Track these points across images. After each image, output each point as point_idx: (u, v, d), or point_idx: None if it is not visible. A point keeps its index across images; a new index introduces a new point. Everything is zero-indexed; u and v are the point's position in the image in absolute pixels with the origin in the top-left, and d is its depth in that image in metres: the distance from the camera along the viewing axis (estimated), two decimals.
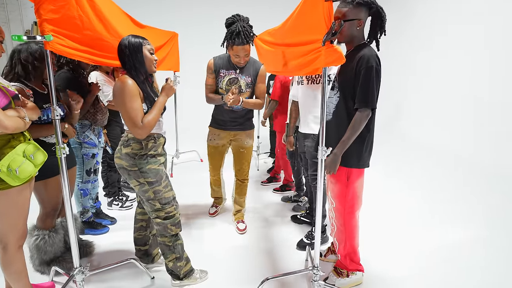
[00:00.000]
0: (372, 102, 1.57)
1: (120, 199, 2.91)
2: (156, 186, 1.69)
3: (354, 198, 1.78)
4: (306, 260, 2.16)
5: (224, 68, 2.35)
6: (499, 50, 3.25)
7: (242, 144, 2.53)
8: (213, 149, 2.57)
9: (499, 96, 3.23)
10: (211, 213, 2.82)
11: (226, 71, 2.35)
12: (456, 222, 2.66)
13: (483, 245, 2.31)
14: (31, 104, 1.54)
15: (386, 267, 2.05)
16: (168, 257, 1.80)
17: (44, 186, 1.78)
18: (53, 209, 1.93)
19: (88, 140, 2.31)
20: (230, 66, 2.35)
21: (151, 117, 1.59)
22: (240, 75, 2.35)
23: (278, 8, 4.80)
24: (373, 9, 1.61)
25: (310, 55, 1.63)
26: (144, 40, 1.63)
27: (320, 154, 1.56)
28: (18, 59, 1.72)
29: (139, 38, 1.61)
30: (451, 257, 2.17)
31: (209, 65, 2.38)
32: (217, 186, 2.79)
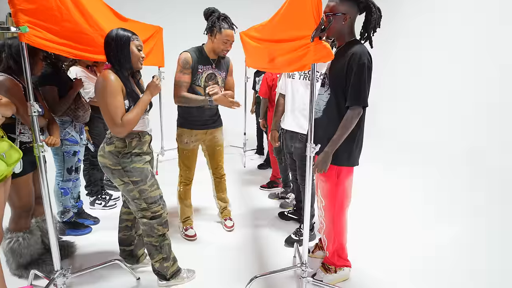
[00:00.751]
0: (364, 100, 1.57)
1: (103, 198, 2.83)
2: (141, 185, 1.64)
3: (343, 196, 1.78)
4: (294, 256, 2.17)
5: (202, 63, 2.17)
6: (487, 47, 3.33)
7: (218, 142, 2.42)
8: (190, 153, 2.32)
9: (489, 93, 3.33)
10: (191, 235, 2.36)
11: (203, 67, 2.17)
12: (443, 219, 2.72)
13: (470, 241, 2.36)
14: (4, 100, 1.46)
15: (372, 262, 2.08)
16: (154, 258, 1.75)
17: (12, 186, 1.69)
18: (24, 209, 1.84)
19: (69, 137, 2.22)
20: (206, 60, 2.18)
21: (132, 116, 1.53)
22: (217, 70, 2.24)
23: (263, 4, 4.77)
24: (363, 4, 1.60)
25: (298, 51, 1.61)
26: (133, 35, 1.57)
27: (309, 151, 1.56)
28: (10, 54, 1.67)
29: (128, 32, 1.55)
30: (438, 252, 2.22)
31: (186, 59, 2.12)
32: (188, 199, 2.44)
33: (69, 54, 1.68)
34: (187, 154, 2.31)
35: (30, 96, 1.39)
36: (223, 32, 2.09)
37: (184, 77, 2.14)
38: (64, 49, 1.63)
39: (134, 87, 1.62)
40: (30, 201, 1.83)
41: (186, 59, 2.13)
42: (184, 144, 2.28)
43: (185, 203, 2.42)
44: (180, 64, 2.13)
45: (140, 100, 1.58)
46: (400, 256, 2.17)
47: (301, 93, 2.22)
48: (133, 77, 1.67)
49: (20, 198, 1.77)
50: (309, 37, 1.46)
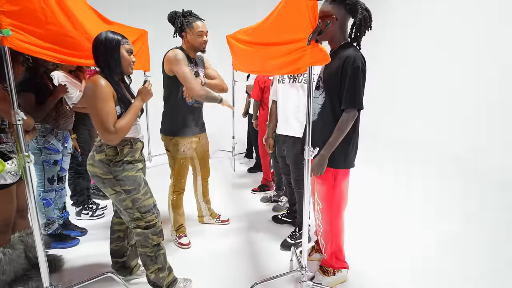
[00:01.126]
0: (359, 102, 1.58)
1: (90, 208, 2.72)
2: (134, 194, 1.58)
3: (340, 198, 1.78)
4: (290, 260, 2.15)
5: (189, 61, 2.12)
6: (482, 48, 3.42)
7: (205, 147, 2.42)
8: (186, 161, 2.27)
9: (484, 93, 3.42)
10: (185, 243, 2.29)
11: (190, 65, 2.12)
12: (440, 218, 2.76)
13: (469, 241, 2.39)
14: None
15: (368, 263, 2.09)
16: (150, 269, 1.69)
17: None
18: (4, 224, 1.73)
19: (49, 146, 2.11)
20: (190, 59, 2.14)
21: (124, 122, 1.48)
22: (198, 68, 2.21)
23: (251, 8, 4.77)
24: (349, 5, 1.61)
25: (293, 55, 1.60)
26: (123, 39, 1.51)
27: (307, 155, 1.55)
28: None
29: (118, 36, 1.49)
30: (436, 252, 2.24)
31: (181, 53, 2.05)
32: (181, 208, 2.37)
33: (54, 58, 1.60)
34: (184, 163, 2.25)
35: (14, 104, 1.31)
36: (195, 26, 2.08)
37: (190, 71, 2.06)
38: (49, 53, 1.55)
39: (125, 92, 1.56)
40: (11, 215, 1.72)
41: (182, 54, 2.06)
42: (181, 153, 2.21)
43: (178, 212, 2.35)
44: (180, 58, 2.03)
45: (131, 105, 1.53)
46: (396, 257, 2.18)
47: (291, 97, 2.23)
48: (123, 82, 1.61)
49: (1, 213, 1.66)
50: (305, 40, 1.45)
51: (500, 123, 3.33)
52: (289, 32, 1.61)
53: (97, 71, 1.54)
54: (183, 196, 2.38)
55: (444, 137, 3.72)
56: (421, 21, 4.14)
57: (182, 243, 2.30)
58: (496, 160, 3.25)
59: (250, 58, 2.34)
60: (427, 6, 4.07)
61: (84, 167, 2.65)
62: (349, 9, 1.64)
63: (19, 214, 1.79)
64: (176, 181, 2.30)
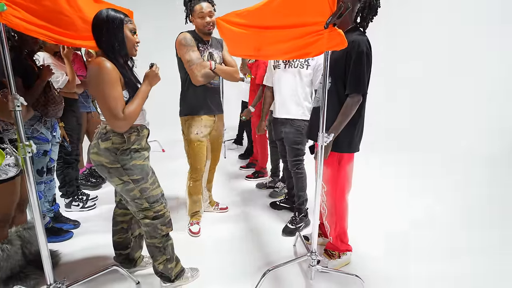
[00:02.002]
0: (363, 87, 1.60)
1: (80, 199, 2.58)
2: (143, 184, 1.51)
3: (345, 182, 1.82)
4: (293, 245, 2.18)
5: (200, 43, 2.11)
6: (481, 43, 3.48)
7: (220, 132, 2.38)
8: (201, 144, 2.18)
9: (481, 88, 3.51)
10: (195, 231, 2.26)
11: (203, 45, 2.12)
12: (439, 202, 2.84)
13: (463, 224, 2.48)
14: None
15: (370, 245, 2.16)
16: (158, 260, 1.64)
17: None
18: (3, 218, 1.62)
19: (38, 135, 1.95)
20: (202, 41, 2.12)
21: (133, 108, 1.39)
22: (213, 50, 2.17)
23: None
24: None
25: (305, 39, 1.56)
26: (126, 17, 1.39)
27: (321, 141, 1.54)
28: None
29: (120, 14, 1.38)
30: (434, 232, 2.33)
31: (188, 37, 2.04)
32: (198, 195, 2.33)
33: (48, 37, 1.46)
34: (198, 146, 2.18)
35: (11, 88, 1.19)
36: (196, 9, 2.04)
37: (195, 54, 2.05)
38: (43, 32, 1.41)
39: (131, 76, 1.46)
40: (11, 209, 1.60)
41: (188, 37, 2.06)
42: (194, 136, 2.16)
43: (193, 199, 2.33)
44: (184, 43, 2.03)
45: (139, 90, 1.44)
46: (397, 237, 2.27)
47: (288, 81, 2.26)
48: (127, 65, 1.50)
49: (2, 205, 1.54)
50: (321, 23, 1.42)
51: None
52: (301, 15, 1.56)
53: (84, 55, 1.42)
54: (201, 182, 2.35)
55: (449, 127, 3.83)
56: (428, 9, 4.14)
57: (192, 230, 2.28)
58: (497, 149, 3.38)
59: (245, 41, 2.27)
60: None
61: (73, 156, 2.50)
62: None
63: (18, 208, 1.66)
64: (192, 168, 2.25)
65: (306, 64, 2.19)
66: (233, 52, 2.64)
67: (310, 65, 2.19)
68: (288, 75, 2.23)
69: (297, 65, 2.20)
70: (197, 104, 2.16)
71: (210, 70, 2.09)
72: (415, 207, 2.73)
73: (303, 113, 2.24)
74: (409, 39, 4.21)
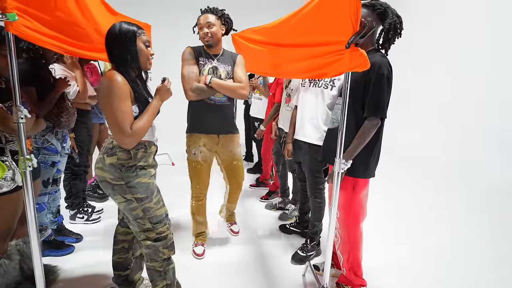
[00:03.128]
0: (382, 111, 1.51)
1: (85, 211, 2.53)
2: (147, 203, 1.43)
3: (359, 209, 1.69)
4: (303, 275, 2.03)
5: (203, 57, 2.03)
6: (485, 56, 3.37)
7: (234, 155, 2.18)
8: (199, 165, 2.07)
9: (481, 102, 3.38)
10: (198, 253, 2.16)
11: (205, 59, 2.03)
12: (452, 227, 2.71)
13: (483, 247, 2.36)
14: None
15: (386, 280, 2.00)
16: (157, 285, 1.54)
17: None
18: (4, 232, 1.56)
19: (48, 146, 1.92)
20: (207, 55, 2.04)
21: (142, 123, 1.33)
22: (220, 64, 2.06)
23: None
24: (379, 10, 1.53)
25: (326, 58, 1.49)
26: (139, 30, 1.35)
27: (337, 167, 1.43)
28: None
29: (133, 26, 1.34)
30: (450, 266, 2.17)
31: (187, 51, 2.01)
32: (202, 215, 2.23)
33: (59, 49, 1.44)
34: (196, 167, 2.07)
35: (16, 99, 1.14)
36: (198, 21, 2.03)
37: (191, 68, 1.97)
38: (55, 43, 1.39)
39: (143, 90, 1.41)
40: (13, 222, 1.55)
41: (187, 51, 2.02)
42: (192, 156, 2.07)
43: (196, 219, 2.23)
44: (183, 57, 2.01)
45: (149, 105, 1.38)
46: (412, 271, 2.10)
47: (309, 102, 2.11)
48: (140, 79, 1.45)
49: (3, 219, 1.48)
50: (343, 42, 1.34)
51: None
52: (321, 33, 1.50)
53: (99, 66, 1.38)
54: (205, 203, 2.24)
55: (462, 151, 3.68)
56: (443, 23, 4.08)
57: (195, 252, 2.18)
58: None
59: (260, 58, 2.21)
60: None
61: (81, 167, 2.47)
62: (378, 13, 1.56)
63: (19, 220, 1.61)
64: (192, 186, 2.16)
65: (331, 85, 2.02)
66: (249, 69, 2.59)
67: (335, 86, 2.01)
68: (310, 95, 2.09)
69: (321, 85, 2.05)
70: (195, 122, 2.07)
71: (204, 85, 1.95)
72: (432, 240, 2.55)
73: (320, 138, 2.03)
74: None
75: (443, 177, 3.78)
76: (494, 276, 2.08)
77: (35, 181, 1.69)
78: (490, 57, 3.53)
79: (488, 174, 3.43)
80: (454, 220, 2.88)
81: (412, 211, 3.07)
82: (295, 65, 1.84)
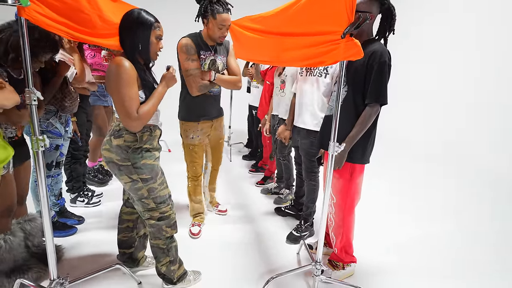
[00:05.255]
0: (383, 97, 1.58)
1: (86, 195, 2.59)
2: (151, 183, 1.51)
3: (355, 194, 1.80)
4: (297, 253, 2.16)
5: (203, 49, 2.04)
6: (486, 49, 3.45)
7: (220, 134, 2.35)
8: (196, 148, 2.20)
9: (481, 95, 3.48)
10: (194, 233, 2.27)
11: (205, 52, 2.04)
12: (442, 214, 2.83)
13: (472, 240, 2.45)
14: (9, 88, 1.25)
15: (375, 257, 2.13)
16: (161, 261, 1.63)
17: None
18: (7, 208, 1.63)
19: (53, 129, 1.97)
20: (206, 46, 2.06)
21: (148, 108, 1.40)
22: (217, 56, 2.12)
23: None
24: (385, 5, 1.60)
25: (321, 47, 1.56)
26: (156, 22, 1.41)
27: (332, 150, 1.53)
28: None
29: (151, 17, 1.39)
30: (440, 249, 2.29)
31: (189, 45, 1.97)
32: (198, 195, 2.36)
33: (66, 34, 1.48)
34: (194, 150, 2.20)
35: (29, 82, 1.20)
36: (218, 17, 1.94)
37: (194, 64, 2.00)
38: (63, 29, 1.43)
39: (149, 77, 1.47)
40: (14, 200, 1.61)
41: (189, 45, 1.99)
42: (189, 140, 2.16)
43: (194, 199, 2.34)
44: (185, 51, 1.98)
45: (155, 91, 1.45)
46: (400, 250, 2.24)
47: (306, 90, 2.20)
48: (146, 67, 1.51)
49: (5, 197, 1.55)
50: (338, 32, 1.41)
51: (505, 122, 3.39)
52: (318, 23, 1.56)
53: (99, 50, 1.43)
54: (201, 183, 2.36)
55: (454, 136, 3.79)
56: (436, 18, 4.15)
57: (191, 231, 2.29)
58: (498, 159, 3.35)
59: (258, 47, 2.27)
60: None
61: (81, 151, 2.52)
62: (384, 9, 1.62)
63: (18, 201, 1.67)
64: (188, 167, 2.27)
65: (325, 73, 2.11)
66: (242, 56, 2.64)
67: (328, 74, 2.11)
68: (307, 83, 2.18)
69: (315, 74, 2.14)
70: (196, 111, 2.13)
71: (209, 82, 2.04)
72: (421, 221, 2.70)
73: (317, 124, 2.13)
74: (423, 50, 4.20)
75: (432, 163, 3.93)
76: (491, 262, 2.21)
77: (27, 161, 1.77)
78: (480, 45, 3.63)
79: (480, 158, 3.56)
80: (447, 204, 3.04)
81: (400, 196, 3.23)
82: (292, 54, 1.91)
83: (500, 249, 2.32)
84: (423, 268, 2.06)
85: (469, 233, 2.53)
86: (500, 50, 3.48)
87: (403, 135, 4.48)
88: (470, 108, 3.78)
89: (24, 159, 1.73)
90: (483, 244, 2.39)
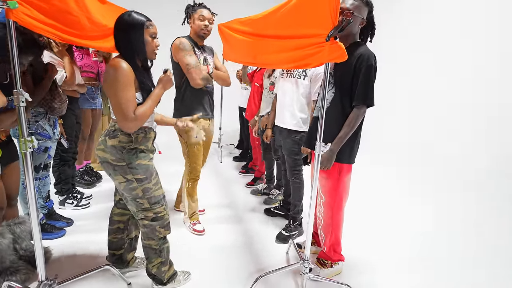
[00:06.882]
0: (370, 99, 1.64)
1: (75, 197, 2.57)
2: (146, 184, 1.52)
3: (343, 193, 1.84)
4: (286, 252, 2.19)
5: (196, 48, 2.17)
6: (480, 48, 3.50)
7: (211, 133, 2.38)
8: (200, 146, 2.24)
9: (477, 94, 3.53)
10: (200, 230, 2.32)
11: (198, 51, 2.18)
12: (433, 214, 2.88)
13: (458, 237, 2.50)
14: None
15: (363, 256, 2.18)
16: (152, 262, 1.64)
17: None
18: None
19: (42, 131, 1.97)
20: (197, 46, 2.20)
21: (145, 109, 1.42)
22: (207, 55, 2.26)
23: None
24: (371, 14, 1.67)
25: (307, 50, 1.60)
26: (148, 21, 1.43)
27: (318, 150, 1.57)
28: None
29: (142, 17, 1.41)
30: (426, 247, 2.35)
31: (184, 43, 2.09)
32: (195, 195, 2.39)
33: (54, 36, 1.49)
34: (198, 149, 2.24)
35: (17, 83, 1.21)
36: (197, 11, 2.13)
37: (194, 58, 2.09)
38: (50, 30, 1.43)
39: (146, 79, 1.49)
40: (3, 201, 1.60)
41: (186, 43, 2.10)
42: (194, 139, 2.18)
43: (192, 199, 2.37)
44: (182, 48, 2.08)
45: (152, 93, 1.47)
46: (388, 248, 2.29)
47: (287, 91, 2.28)
48: (144, 68, 1.53)
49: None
50: (322, 35, 1.46)
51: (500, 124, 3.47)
52: (304, 26, 1.61)
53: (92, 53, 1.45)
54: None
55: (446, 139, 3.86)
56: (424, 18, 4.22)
57: (196, 229, 2.32)
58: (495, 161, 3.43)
59: (245, 49, 2.31)
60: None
61: (70, 154, 2.51)
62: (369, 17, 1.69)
63: (7, 202, 1.66)
64: (192, 168, 2.29)
65: (304, 75, 2.21)
66: (231, 58, 2.68)
67: (307, 76, 2.20)
68: (287, 84, 2.27)
69: (295, 75, 2.23)
70: (196, 105, 2.20)
71: (208, 74, 2.15)
72: (408, 219, 2.77)
73: (296, 124, 2.23)
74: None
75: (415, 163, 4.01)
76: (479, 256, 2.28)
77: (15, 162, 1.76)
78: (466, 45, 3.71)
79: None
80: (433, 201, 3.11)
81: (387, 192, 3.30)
82: (279, 56, 1.95)
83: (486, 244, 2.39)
84: (409, 266, 2.11)
85: (454, 231, 2.61)
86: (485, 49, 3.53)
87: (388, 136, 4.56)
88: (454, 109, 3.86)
89: (10, 160, 1.72)
90: (468, 240, 2.46)
